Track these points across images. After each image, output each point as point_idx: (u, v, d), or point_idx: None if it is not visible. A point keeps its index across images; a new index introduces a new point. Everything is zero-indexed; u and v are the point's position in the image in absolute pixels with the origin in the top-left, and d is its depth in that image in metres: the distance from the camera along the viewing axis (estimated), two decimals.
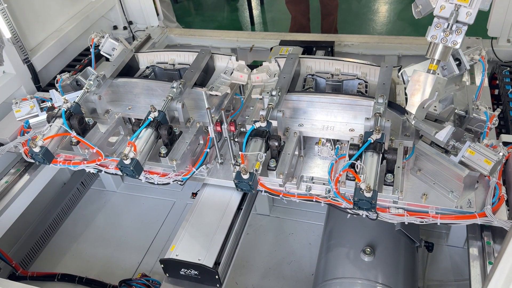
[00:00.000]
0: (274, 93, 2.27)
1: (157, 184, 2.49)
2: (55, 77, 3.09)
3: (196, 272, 2.19)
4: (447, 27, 1.73)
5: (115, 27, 4.43)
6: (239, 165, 2.00)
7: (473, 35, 3.53)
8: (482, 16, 3.54)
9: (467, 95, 2.68)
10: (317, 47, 3.65)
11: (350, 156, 1.95)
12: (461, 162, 2.02)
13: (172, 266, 2.24)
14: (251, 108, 2.79)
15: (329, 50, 3.63)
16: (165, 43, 4.32)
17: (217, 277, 2.17)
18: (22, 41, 3.41)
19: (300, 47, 3.59)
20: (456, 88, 2.70)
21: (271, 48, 3.75)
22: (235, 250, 2.43)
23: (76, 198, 4.04)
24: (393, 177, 1.94)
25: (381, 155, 1.92)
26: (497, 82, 3.26)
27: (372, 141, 1.92)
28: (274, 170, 2.06)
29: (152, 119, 2.22)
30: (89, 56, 3.54)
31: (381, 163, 1.95)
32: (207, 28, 4.41)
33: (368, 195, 1.75)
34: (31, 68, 3.50)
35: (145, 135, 2.19)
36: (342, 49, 3.84)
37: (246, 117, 2.77)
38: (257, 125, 2.09)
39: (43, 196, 3.59)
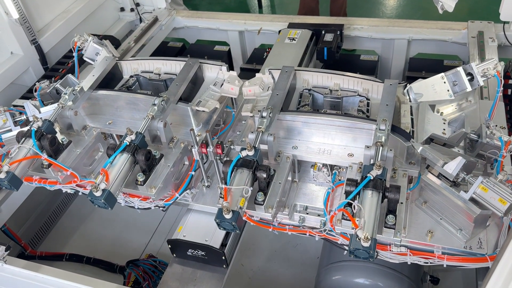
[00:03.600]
0: (264, 114, 2.05)
1: (138, 208, 2.29)
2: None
3: (203, 253, 2.18)
4: None
5: (122, 9, 4.39)
6: (222, 197, 1.80)
7: (485, 19, 3.44)
8: (495, 0, 3.39)
9: (479, 113, 2.45)
10: (326, 30, 3.57)
11: (347, 193, 1.73)
12: (472, 199, 1.80)
13: (179, 247, 2.24)
14: (243, 122, 2.57)
15: (338, 33, 3.55)
16: (172, 26, 4.28)
17: (223, 258, 2.15)
18: (30, 22, 3.41)
19: (308, 30, 3.56)
20: (467, 105, 2.46)
21: (279, 31, 3.68)
22: (241, 232, 2.32)
23: None
24: (395, 219, 1.72)
25: (381, 194, 1.70)
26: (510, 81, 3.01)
27: (372, 178, 1.70)
28: (262, 204, 1.85)
29: (128, 143, 2.00)
30: (73, 59, 3.30)
31: (382, 201, 1.73)
32: (214, 11, 4.40)
33: (366, 244, 1.53)
34: (39, 49, 3.51)
35: (120, 161, 1.97)
36: (351, 32, 3.78)
37: (238, 133, 2.56)
38: (244, 153, 1.87)
39: None
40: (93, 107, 2.49)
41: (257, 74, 2.49)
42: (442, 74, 2.30)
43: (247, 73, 3.78)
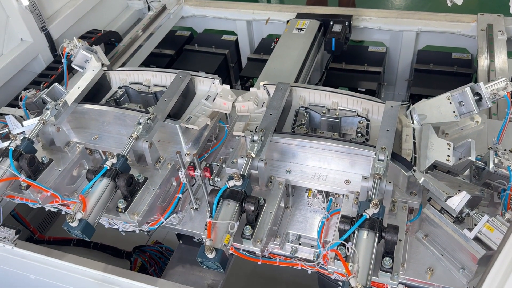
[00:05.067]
0: (255, 138, 1.91)
1: (122, 231, 2.18)
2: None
3: None
4: None
5: None
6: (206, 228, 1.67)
7: (494, 12, 3.46)
8: None
9: (487, 134, 2.30)
10: (335, 21, 3.60)
11: (341, 232, 1.60)
12: (477, 238, 1.66)
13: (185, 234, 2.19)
14: (236, 137, 2.43)
15: (347, 24, 3.59)
16: (180, 14, 4.31)
17: None
18: (39, 8, 3.44)
19: (317, 20, 3.60)
20: (473, 126, 2.32)
21: (288, 21, 3.70)
22: None
23: None
24: (392, 262, 1.59)
25: (378, 234, 1.56)
26: None
27: (368, 217, 1.56)
28: (250, 239, 1.72)
29: (109, 168, 1.87)
30: (62, 66, 3.18)
31: (379, 241, 1.59)
32: (222, 0, 4.39)
33: None
34: (48, 36, 3.55)
35: (100, 187, 1.84)
36: (360, 23, 3.79)
37: (230, 149, 2.43)
38: (231, 183, 1.74)
39: None
40: (78, 121, 2.37)
41: (251, 89, 2.35)
42: (448, 94, 2.16)
43: (254, 63, 3.85)
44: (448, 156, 1.99)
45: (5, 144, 2.33)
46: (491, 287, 1.22)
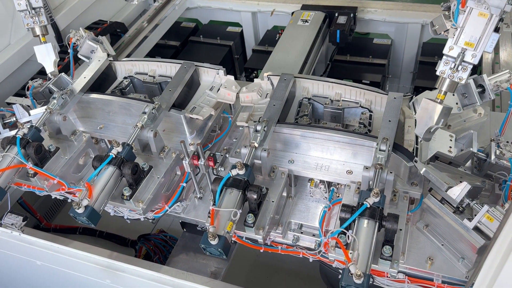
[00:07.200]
0: (259, 127, 1.93)
1: (127, 218, 2.21)
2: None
3: None
4: (454, 66, 1.68)
5: None
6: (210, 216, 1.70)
7: None
8: None
9: (490, 125, 2.31)
10: (340, 12, 3.64)
11: (342, 221, 1.62)
12: (476, 228, 1.68)
13: (189, 222, 2.22)
14: (240, 128, 2.46)
15: (352, 16, 3.61)
16: (185, 6, 4.35)
17: None
18: None
19: (322, 12, 3.65)
20: (476, 118, 2.33)
21: (293, 13, 3.75)
22: None
23: None
24: (392, 250, 1.61)
25: (378, 223, 1.58)
26: None
27: (369, 206, 1.58)
28: (252, 227, 1.74)
29: (114, 156, 1.90)
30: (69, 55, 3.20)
31: (379, 230, 1.61)
32: None
33: (359, 281, 1.42)
34: (55, 26, 3.51)
35: (105, 175, 1.87)
36: (365, 15, 3.82)
37: (234, 140, 2.46)
38: (234, 172, 1.76)
39: None
40: (84, 110, 2.40)
41: (255, 80, 2.37)
42: None
43: (259, 55, 3.89)
44: (450, 147, 2.01)
45: (13, 132, 2.37)
46: (488, 274, 1.25)
